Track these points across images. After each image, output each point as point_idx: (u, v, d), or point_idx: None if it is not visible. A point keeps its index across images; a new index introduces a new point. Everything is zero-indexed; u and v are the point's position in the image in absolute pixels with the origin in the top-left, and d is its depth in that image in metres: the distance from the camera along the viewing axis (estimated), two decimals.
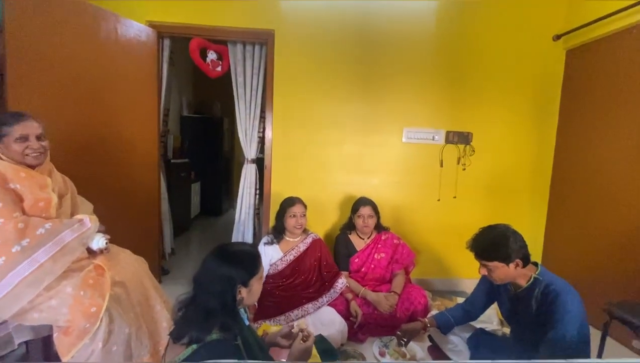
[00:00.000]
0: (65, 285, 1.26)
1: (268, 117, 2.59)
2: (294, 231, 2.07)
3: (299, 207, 2.09)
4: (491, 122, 2.69)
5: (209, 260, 1.06)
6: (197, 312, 0.99)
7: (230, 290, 1.02)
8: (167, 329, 1.56)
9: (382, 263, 2.23)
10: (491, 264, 1.32)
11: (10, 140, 1.30)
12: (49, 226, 1.28)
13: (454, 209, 2.74)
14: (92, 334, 1.24)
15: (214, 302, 0.99)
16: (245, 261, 1.06)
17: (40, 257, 1.22)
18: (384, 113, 2.63)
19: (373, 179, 2.69)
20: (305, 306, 1.93)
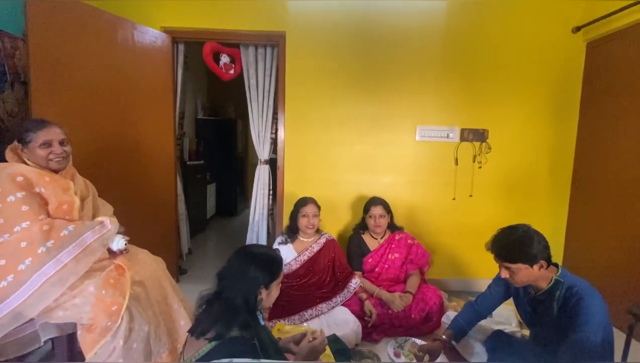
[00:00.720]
0: (88, 285, 1.31)
1: (280, 118, 2.61)
2: (307, 231, 2.08)
3: (311, 207, 2.10)
4: (508, 118, 2.63)
5: (236, 258, 1.09)
6: (221, 308, 1.01)
7: (254, 290, 1.05)
8: (185, 327, 1.60)
9: (396, 263, 2.21)
10: (514, 266, 1.28)
11: (34, 146, 1.36)
12: (72, 228, 1.33)
13: (470, 209, 2.69)
14: (113, 332, 1.28)
15: (238, 300, 1.01)
16: (270, 265, 1.10)
17: (64, 258, 1.28)
18: (396, 111, 2.60)
19: (386, 178, 2.67)
20: (319, 306, 1.94)
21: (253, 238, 2.92)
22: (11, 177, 1.30)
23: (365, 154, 2.64)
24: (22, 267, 1.22)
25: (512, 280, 1.32)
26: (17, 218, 1.25)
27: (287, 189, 2.65)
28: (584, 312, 1.18)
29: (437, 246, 2.71)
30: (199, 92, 4.76)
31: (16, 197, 1.27)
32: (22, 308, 1.19)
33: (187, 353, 1.00)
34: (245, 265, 1.07)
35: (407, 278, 2.20)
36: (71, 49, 1.90)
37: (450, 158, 2.65)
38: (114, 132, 2.15)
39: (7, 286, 1.20)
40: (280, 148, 2.63)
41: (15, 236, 1.24)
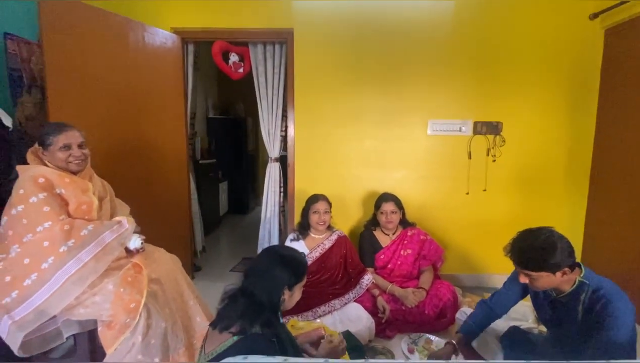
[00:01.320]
0: (107, 283, 1.35)
1: (290, 116, 2.62)
2: (318, 227, 2.09)
3: (322, 204, 2.10)
4: (523, 110, 2.56)
5: (264, 257, 1.13)
6: (245, 304, 1.03)
7: (278, 290, 1.07)
8: (201, 323, 1.63)
9: (409, 259, 2.20)
10: (535, 274, 1.23)
11: (54, 149, 1.41)
12: (92, 227, 1.37)
13: (484, 203, 2.64)
14: (132, 328, 1.32)
15: (262, 297, 1.04)
16: (296, 267, 1.12)
17: (84, 256, 1.32)
18: (407, 106, 2.57)
19: (397, 174, 2.65)
20: (332, 302, 1.95)
21: (265, 235, 2.95)
22: (33, 179, 1.34)
23: (375, 150, 2.62)
24: (46, 266, 1.26)
25: (532, 286, 1.28)
26: (40, 218, 1.29)
27: (297, 186, 2.66)
28: (611, 316, 1.14)
29: (450, 242, 2.68)
30: (209, 92, 4.81)
31: (38, 198, 1.31)
32: (46, 305, 1.24)
33: (208, 347, 1.02)
34: (271, 265, 1.09)
35: (420, 274, 2.19)
36: (84, 52, 1.95)
37: (463, 151, 2.61)
38: (127, 134, 2.20)
39: (31, 284, 1.25)
40: (290, 145, 2.64)
41: (38, 236, 1.28)
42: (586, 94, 2.55)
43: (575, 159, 2.62)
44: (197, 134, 3.91)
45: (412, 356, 1.79)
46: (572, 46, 2.51)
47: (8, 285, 1.25)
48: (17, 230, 1.29)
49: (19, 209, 1.29)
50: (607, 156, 2.48)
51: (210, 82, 4.84)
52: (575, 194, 2.64)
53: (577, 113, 2.58)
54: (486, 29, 2.50)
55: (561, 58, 2.52)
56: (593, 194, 2.60)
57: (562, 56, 2.52)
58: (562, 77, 2.54)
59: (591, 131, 2.59)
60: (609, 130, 2.47)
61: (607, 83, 2.49)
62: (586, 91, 2.55)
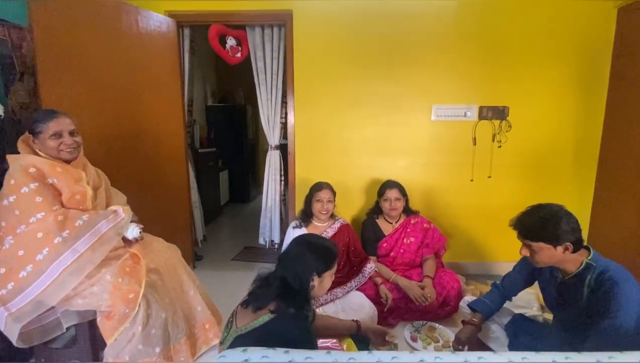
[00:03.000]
0: (104, 273, 1.33)
1: (290, 102, 2.56)
2: (320, 216, 2.07)
3: (326, 192, 2.08)
4: (530, 94, 2.49)
5: (295, 244, 1.20)
6: (280, 287, 1.10)
7: (308, 275, 1.12)
8: (202, 313, 1.63)
9: (412, 247, 2.19)
10: (535, 244, 1.23)
11: (45, 137, 1.37)
12: (86, 217, 1.35)
13: (489, 190, 2.61)
14: (131, 318, 1.31)
15: (295, 282, 1.10)
16: (326, 255, 1.18)
17: (80, 247, 1.30)
18: (410, 90, 2.51)
19: (400, 160, 2.61)
20: (334, 291, 1.94)
21: (266, 224, 2.94)
22: (24, 168, 1.31)
23: (378, 136, 2.57)
24: (40, 257, 1.25)
25: (532, 259, 1.27)
26: (32, 209, 1.27)
27: (298, 174, 2.62)
28: (617, 298, 1.12)
29: (454, 229, 2.66)
30: (207, 79, 4.73)
31: (30, 188, 1.28)
32: (43, 296, 1.23)
33: (240, 322, 1.09)
34: (302, 251, 1.16)
35: (423, 263, 2.17)
36: (75, 38, 1.89)
37: (468, 137, 2.56)
38: (123, 121, 2.16)
39: (27, 275, 1.23)
40: (291, 133, 2.60)
41: (31, 227, 1.26)
42: (596, 77, 2.48)
43: (583, 144, 2.56)
44: (196, 122, 3.86)
45: (415, 344, 1.79)
46: (583, 25, 2.42)
47: (3, 277, 1.24)
48: (10, 221, 1.27)
49: (11, 200, 1.27)
50: (617, 140, 2.42)
51: (207, 69, 4.76)
52: (582, 180, 2.60)
53: (586, 96, 2.50)
54: (492, 10, 2.41)
55: (570, 39, 2.43)
56: (601, 179, 2.55)
57: (572, 36, 2.43)
58: (571, 59, 2.46)
59: (600, 114, 2.52)
60: (620, 113, 2.40)
61: (618, 64, 2.41)
62: (596, 73, 2.47)
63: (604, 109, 2.51)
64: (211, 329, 1.64)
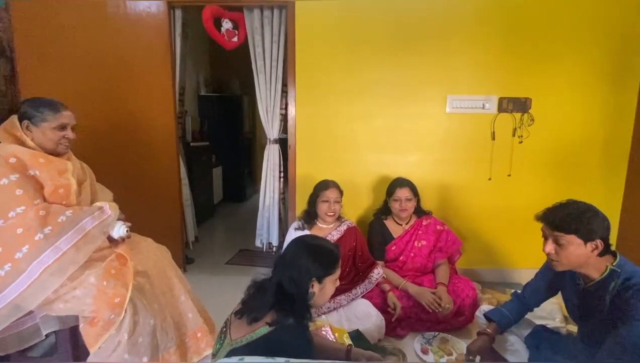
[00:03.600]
0: (88, 275, 1.34)
1: (291, 92, 2.56)
2: (326, 218, 2.06)
3: (333, 191, 2.07)
4: (555, 84, 2.48)
5: (293, 246, 1.18)
6: (276, 295, 1.08)
7: (305, 281, 1.10)
8: (193, 320, 1.63)
9: (423, 251, 2.18)
10: (567, 237, 1.21)
11: (49, 126, 1.41)
12: (70, 213, 1.35)
13: (508, 190, 2.60)
14: (117, 325, 1.32)
15: (292, 289, 1.09)
16: (325, 258, 1.15)
17: (63, 245, 1.30)
18: (423, 79, 2.51)
19: (411, 156, 2.60)
20: (338, 298, 1.94)
21: (264, 224, 2.94)
22: (4, 158, 1.32)
23: (387, 129, 2.57)
24: (20, 255, 1.25)
25: (556, 257, 1.26)
26: (11, 202, 1.27)
27: (299, 171, 2.62)
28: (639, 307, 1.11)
29: (470, 233, 2.65)
30: (200, 66, 4.74)
31: (9, 180, 1.29)
32: (21, 299, 1.23)
33: (234, 334, 1.08)
34: (299, 254, 1.14)
35: (435, 269, 2.17)
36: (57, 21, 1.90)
37: (486, 131, 2.55)
38: (108, 111, 2.16)
39: (4, 275, 1.24)
40: (291, 125, 2.60)
41: (10, 222, 1.26)
42: (627, 68, 2.46)
43: (612, 141, 2.55)
44: (188, 113, 3.87)
45: (426, 357, 1.79)
46: (613, 11, 2.40)
47: None
48: None
49: None
50: None
51: (201, 55, 4.76)
52: (611, 181, 2.59)
53: (616, 89, 2.49)
54: None
55: (600, 27, 2.41)
56: (631, 180, 2.54)
57: (602, 24, 2.41)
58: (600, 48, 2.44)
59: (632, 109, 2.51)
60: None
61: None
62: (628, 65, 2.46)
63: (636, 103, 2.49)
64: (203, 338, 1.65)
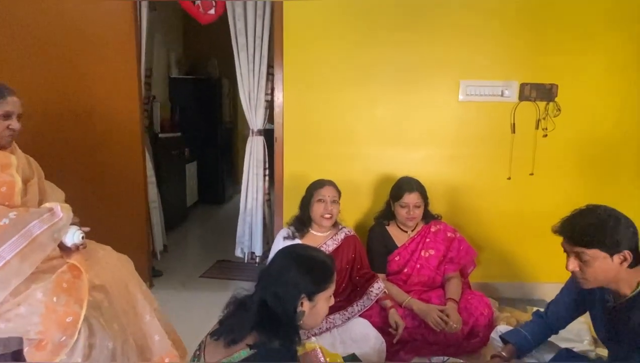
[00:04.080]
0: (35, 290, 1.33)
1: (277, 75, 2.57)
2: (322, 222, 2.06)
3: (330, 190, 2.08)
4: (585, 69, 2.52)
5: (280, 257, 1.19)
6: (260, 314, 1.08)
7: (293, 298, 1.10)
8: (160, 342, 1.63)
9: (432, 262, 2.20)
10: (589, 252, 1.24)
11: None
12: (14, 215, 1.34)
13: (531, 191, 2.64)
14: (69, 348, 1.31)
15: (277, 307, 1.09)
16: (317, 271, 1.15)
17: (6, 253, 1.29)
18: (433, 62, 2.53)
19: (419, 152, 2.63)
20: (331, 318, 1.95)
21: (245, 231, 2.95)
22: None
23: (391, 120, 2.59)
24: None
25: (581, 275, 1.29)
26: None
27: (287, 168, 2.64)
28: None
29: (486, 241, 2.68)
30: (171, 43, 4.73)
31: None
32: None
33: (209, 357, 1.09)
34: (286, 266, 1.14)
35: (445, 282, 2.19)
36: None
37: (506, 123, 2.58)
38: (61, 97, 2.15)
39: None
40: (279, 114, 2.60)
41: None
42: None
43: None
44: (156, 98, 3.86)
45: None
46: None
47: None
48: None
49: None
50: None
51: (172, 30, 4.75)
52: None
53: None
54: None
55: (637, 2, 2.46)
56: None
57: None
58: (637, 26, 2.48)
59: None
60: None
61: None
62: None
63: None
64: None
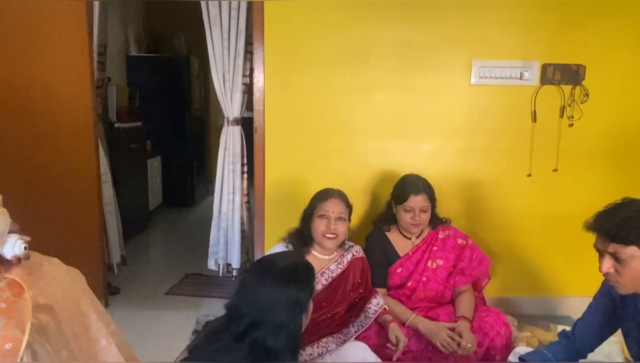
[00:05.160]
0: None
1: (257, 53, 2.57)
2: (323, 242, 2.00)
3: (336, 204, 2.00)
4: (616, 48, 2.56)
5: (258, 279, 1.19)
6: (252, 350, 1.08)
7: (297, 318, 1.13)
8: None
9: (439, 274, 2.22)
10: (626, 250, 1.27)
11: None
12: None
13: (555, 190, 2.68)
14: None
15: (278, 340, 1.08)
16: (306, 277, 1.19)
17: None
18: (441, 39, 2.55)
19: (423, 145, 2.65)
20: (324, 342, 1.95)
21: (220, 238, 2.94)
22: None
23: (392, 107, 2.61)
24: None
25: (616, 278, 1.32)
26: None
27: (270, 164, 2.63)
28: None
29: (503, 249, 2.72)
30: (130, 16, 4.71)
31: None
32: None
33: None
34: (282, 287, 1.14)
35: (456, 297, 2.21)
36: None
37: (525, 111, 2.62)
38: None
39: None
40: (259, 100, 2.60)
41: None
42: None
43: None
44: (111, 81, 3.82)
45: None
46: None
47: None
48: None
49: None
50: None
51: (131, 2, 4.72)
52: None
53: None
54: None
55: None
56: None
57: None
58: None
59: None
60: None
61: None
62: None
63: None
64: None
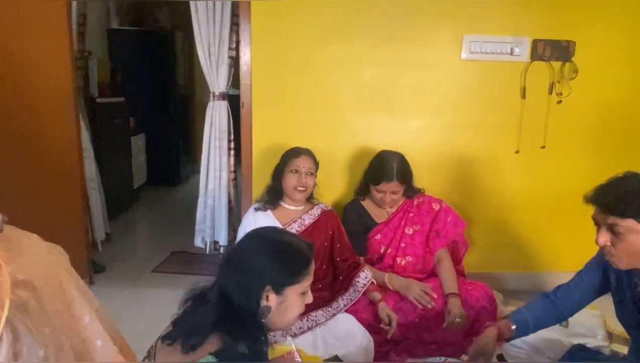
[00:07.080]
0: None
1: (244, 25, 2.54)
2: (294, 195, 2.10)
3: (306, 160, 2.12)
4: (606, 24, 2.57)
5: (246, 240, 1.19)
6: (222, 310, 1.05)
7: (256, 289, 1.08)
8: (103, 349, 1.62)
9: (417, 239, 2.25)
10: (624, 223, 1.28)
11: None
12: None
13: (543, 166, 2.70)
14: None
15: (239, 299, 1.06)
16: (287, 258, 1.11)
17: None
18: (431, 12, 2.53)
19: (413, 120, 2.65)
20: (313, 315, 1.97)
21: (207, 215, 2.95)
22: None
23: (381, 82, 2.60)
24: None
25: (612, 250, 1.34)
26: None
27: (257, 140, 2.63)
28: None
29: (489, 224, 2.75)
30: None
31: None
32: None
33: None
34: (250, 251, 1.13)
35: (437, 267, 2.23)
36: None
37: (515, 87, 2.62)
38: None
39: None
40: (246, 74, 2.58)
41: None
42: None
43: None
44: (92, 54, 3.77)
45: None
46: None
47: None
48: None
49: None
50: None
51: None
52: None
53: None
54: None
55: None
56: None
57: None
58: None
59: None
60: None
61: None
62: None
63: None
64: None
